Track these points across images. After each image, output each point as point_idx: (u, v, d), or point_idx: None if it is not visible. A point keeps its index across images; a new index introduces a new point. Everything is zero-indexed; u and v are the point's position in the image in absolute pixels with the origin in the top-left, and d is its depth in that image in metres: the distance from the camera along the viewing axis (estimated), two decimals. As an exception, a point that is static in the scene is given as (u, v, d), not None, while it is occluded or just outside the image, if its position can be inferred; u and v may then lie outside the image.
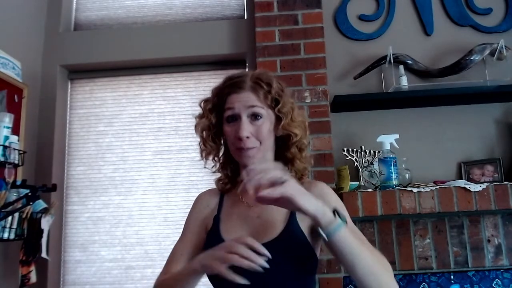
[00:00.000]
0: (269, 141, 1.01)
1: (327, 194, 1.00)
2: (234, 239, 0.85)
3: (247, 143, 0.96)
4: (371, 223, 1.93)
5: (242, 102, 0.98)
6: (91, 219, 2.26)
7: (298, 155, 1.02)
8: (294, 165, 1.02)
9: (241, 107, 0.98)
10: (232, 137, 0.99)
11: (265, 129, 0.98)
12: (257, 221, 0.98)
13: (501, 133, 2.06)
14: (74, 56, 2.34)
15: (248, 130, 0.96)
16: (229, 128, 1.00)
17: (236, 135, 0.97)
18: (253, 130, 0.97)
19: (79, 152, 2.35)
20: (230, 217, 1.02)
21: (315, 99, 2.04)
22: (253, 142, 0.97)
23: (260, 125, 0.98)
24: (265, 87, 0.99)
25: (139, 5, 2.48)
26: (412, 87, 2.04)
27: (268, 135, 0.99)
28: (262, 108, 0.99)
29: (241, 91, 0.99)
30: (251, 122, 0.98)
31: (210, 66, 2.37)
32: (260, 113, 0.98)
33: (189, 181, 2.26)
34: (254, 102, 0.98)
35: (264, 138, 0.98)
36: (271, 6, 2.16)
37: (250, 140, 0.97)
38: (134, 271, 2.19)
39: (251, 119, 0.98)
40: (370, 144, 1.92)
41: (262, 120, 0.98)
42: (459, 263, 1.89)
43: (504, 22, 2.15)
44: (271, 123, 1.00)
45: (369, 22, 2.21)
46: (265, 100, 0.99)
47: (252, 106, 0.98)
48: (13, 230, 1.73)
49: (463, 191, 1.74)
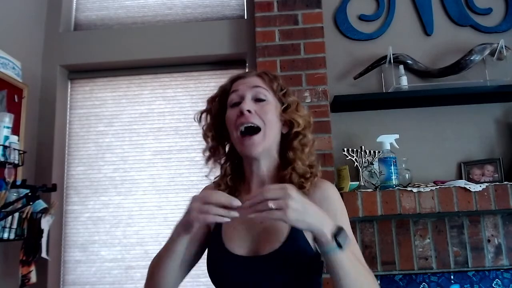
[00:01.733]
0: (274, 130, 0.97)
1: (330, 198, 0.96)
2: (201, 195, 0.83)
3: (249, 118, 0.93)
4: (371, 223, 1.93)
5: (247, 84, 0.97)
6: (91, 219, 2.26)
7: (299, 152, 0.97)
8: (295, 169, 0.96)
9: (245, 88, 0.97)
10: (234, 117, 0.95)
11: (269, 110, 0.96)
12: (260, 227, 0.94)
13: (501, 133, 2.06)
14: (74, 56, 2.34)
15: (251, 105, 0.94)
16: (232, 111, 0.97)
17: (238, 114, 0.94)
18: (257, 108, 0.95)
19: (79, 152, 2.35)
20: (233, 222, 0.99)
21: (315, 99, 2.04)
22: (256, 119, 0.94)
23: (264, 105, 0.96)
24: (271, 76, 1.00)
25: (139, 5, 2.48)
26: (412, 87, 2.04)
27: (273, 118, 0.96)
28: (267, 91, 0.97)
29: (246, 76, 1.00)
30: (255, 103, 0.96)
31: (210, 66, 2.37)
32: (265, 95, 0.97)
33: (189, 181, 2.26)
34: (259, 83, 0.98)
35: (269, 120, 0.95)
36: (271, 6, 2.16)
37: (253, 115, 0.93)
38: (134, 271, 2.19)
39: (255, 101, 0.96)
40: (370, 144, 1.92)
41: (266, 102, 0.97)
42: (459, 263, 1.88)
43: (504, 22, 2.15)
44: (276, 109, 0.98)
45: (369, 22, 2.21)
46: (270, 84, 0.98)
47: (256, 86, 0.97)
48: (13, 230, 1.73)
49: (463, 191, 1.74)
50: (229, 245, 0.95)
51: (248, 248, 0.93)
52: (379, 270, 1.88)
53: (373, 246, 1.91)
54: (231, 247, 0.94)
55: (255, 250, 0.92)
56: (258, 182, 1.00)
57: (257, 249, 0.92)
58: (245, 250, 0.93)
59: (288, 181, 0.94)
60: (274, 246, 0.90)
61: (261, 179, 1.00)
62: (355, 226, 1.92)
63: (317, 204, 0.86)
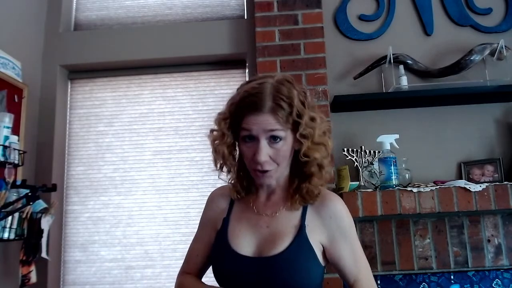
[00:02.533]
0: (287, 161, 0.97)
1: (338, 215, 0.97)
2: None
3: (265, 166, 0.92)
4: (371, 223, 1.93)
5: (261, 126, 0.89)
6: (91, 219, 2.26)
7: (317, 173, 0.96)
8: (311, 183, 0.96)
9: (259, 130, 0.90)
10: (250, 158, 0.93)
11: (284, 152, 0.93)
12: (266, 230, 0.96)
13: (501, 133, 2.06)
14: (74, 56, 2.34)
15: (267, 153, 0.91)
16: (246, 148, 0.94)
17: (254, 159, 0.91)
18: (272, 153, 0.91)
19: (79, 152, 2.35)
20: (239, 221, 1.00)
21: (315, 99, 2.03)
22: (271, 165, 0.92)
23: (280, 148, 0.92)
24: (286, 108, 0.90)
25: (139, 5, 2.48)
26: (412, 87, 2.04)
27: (286, 155, 0.94)
28: (282, 131, 0.91)
29: (259, 114, 0.89)
30: (269, 144, 0.91)
31: (210, 66, 2.37)
32: (280, 136, 0.91)
33: (189, 181, 2.26)
34: (273, 125, 0.89)
35: (282, 160, 0.94)
36: (271, 6, 2.16)
37: (268, 163, 0.92)
38: (134, 271, 2.19)
39: (270, 140, 0.91)
40: (370, 144, 1.92)
41: (282, 143, 0.91)
42: (459, 263, 1.88)
43: (504, 22, 2.15)
44: (290, 144, 0.94)
45: (369, 22, 2.21)
46: (285, 123, 0.91)
47: (271, 130, 0.90)
48: (13, 230, 1.73)
49: (463, 191, 1.74)
50: (234, 245, 0.96)
51: (253, 249, 0.94)
52: (379, 270, 1.88)
53: (373, 246, 1.91)
54: (236, 246, 0.95)
55: (259, 252, 0.93)
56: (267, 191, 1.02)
57: (261, 251, 0.93)
58: (250, 250, 0.94)
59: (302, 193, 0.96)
60: (279, 249, 0.91)
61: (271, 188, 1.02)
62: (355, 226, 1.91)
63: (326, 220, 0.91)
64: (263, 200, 1.02)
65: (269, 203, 1.00)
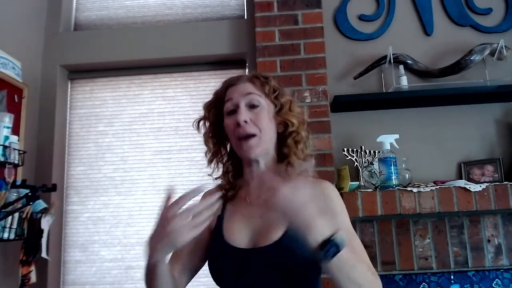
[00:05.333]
0: (270, 133, 1.01)
1: (329, 197, 0.98)
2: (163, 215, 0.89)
3: (246, 128, 0.98)
4: (371, 223, 1.93)
5: (240, 91, 1.02)
6: (91, 219, 2.26)
7: (293, 148, 1.01)
8: (290, 162, 1.00)
9: (239, 96, 1.01)
10: (232, 126, 1.00)
11: (263, 116, 1.00)
12: (259, 221, 0.97)
13: (501, 133, 2.06)
14: (74, 56, 2.34)
15: (246, 115, 0.99)
16: (229, 120, 1.02)
17: (235, 123, 0.98)
18: (252, 116, 0.99)
19: (79, 152, 2.35)
20: (233, 217, 1.02)
21: (315, 99, 2.04)
22: (252, 128, 0.98)
23: (258, 112, 1.00)
24: (262, 79, 1.04)
25: (139, 5, 2.48)
26: (412, 87, 2.04)
27: (267, 124, 1.00)
28: (260, 96, 1.01)
29: (238, 84, 1.04)
30: (249, 110, 1.00)
31: (210, 66, 2.37)
32: (258, 101, 1.01)
33: (189, 181, 2.26)
34: (251, 89, 1.01)
35: (264, 127, 0.99)
36: (271, 6, 2.16)
37: (249, 125, 0.98)
38: (134, 271, 2.19)
39: (249, 107, 1.00)
40: (370, 144, 1.92)
41: (260, 108, 1.01)
42: (459, 263, 1.88)
43: (504, 22, 2.15)
44: (269, 113, 1.02)
45: (369, 22, 2.21)
46: (262, 88, 1.02)
47: (249, 93, 1.01)
48: (13, 230, 1.73)
49: (463, 191, 1.74)
50: (229, 238, 0.97)
51: (248, 240, 0.95)
52: (379, 270, 1.88)
53: (373, 246, 1.91)
54: (231, 240, 0.96)
55: (254, 242, 0.94)
56: (257, 182, 1.03)
57: (256, 241, 0.94)
58: (245, 242, 0.95)
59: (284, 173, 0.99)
60: (273, 238, 0.92)
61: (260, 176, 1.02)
62: (355, 226, 1.91)
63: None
64: (256, 191, 1.02)
65: (262, 193, 1.00)
